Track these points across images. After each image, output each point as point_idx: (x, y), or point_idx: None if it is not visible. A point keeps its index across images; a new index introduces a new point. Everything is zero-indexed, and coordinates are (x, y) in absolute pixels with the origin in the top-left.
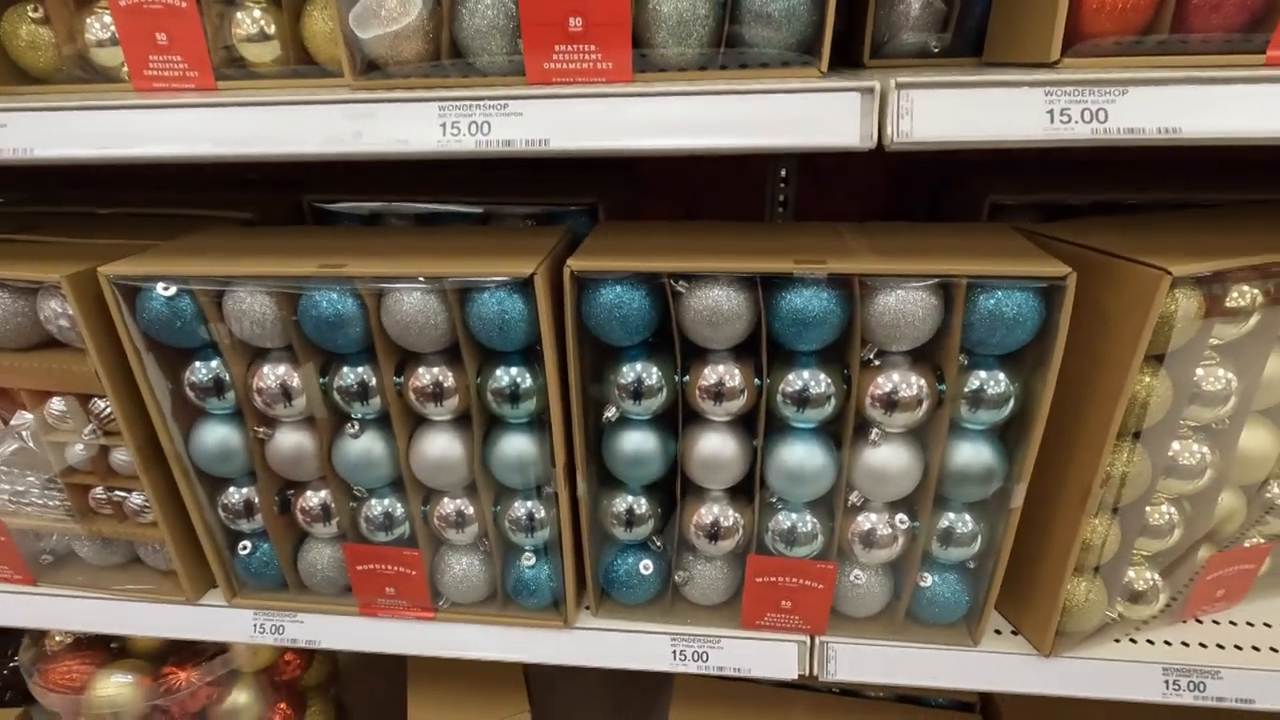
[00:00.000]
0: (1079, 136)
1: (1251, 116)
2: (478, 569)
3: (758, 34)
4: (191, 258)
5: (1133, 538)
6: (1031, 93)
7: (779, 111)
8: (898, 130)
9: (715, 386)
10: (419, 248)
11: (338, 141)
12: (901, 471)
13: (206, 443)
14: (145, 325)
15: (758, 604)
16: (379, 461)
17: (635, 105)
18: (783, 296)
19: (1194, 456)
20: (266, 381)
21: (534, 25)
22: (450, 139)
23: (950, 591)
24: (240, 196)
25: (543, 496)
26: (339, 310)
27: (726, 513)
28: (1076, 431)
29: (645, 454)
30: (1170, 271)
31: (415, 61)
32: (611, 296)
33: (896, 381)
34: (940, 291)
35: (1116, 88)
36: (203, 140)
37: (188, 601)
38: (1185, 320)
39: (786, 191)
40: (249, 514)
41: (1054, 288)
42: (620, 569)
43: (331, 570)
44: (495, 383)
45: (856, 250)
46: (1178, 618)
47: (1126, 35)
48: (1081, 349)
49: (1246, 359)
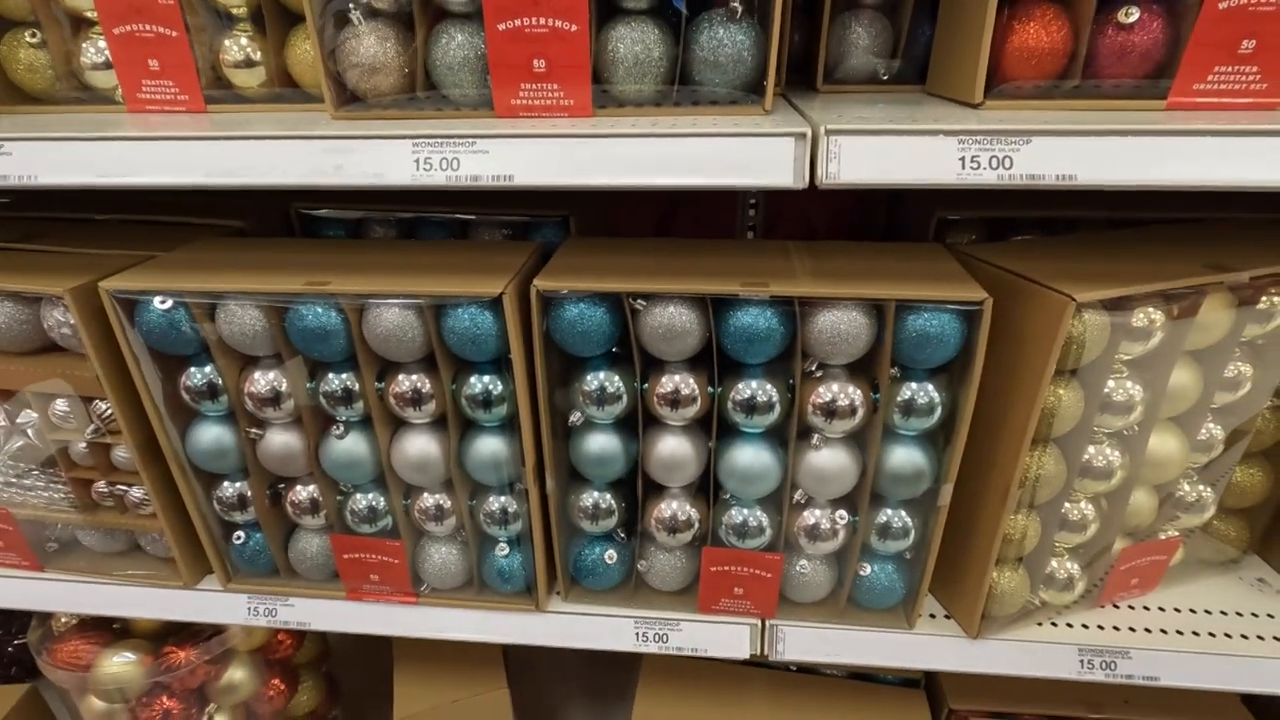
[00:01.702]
0: (986, 181)
1: (1143, 167)
2: (456, 557)
3: (707, 75)
4: (186, 271)
5: (1053, 532)
6: (946, 141)
7: (723, 153)
8: (827, 172)
9: (671, 394)
10: (398, 264)
11: (319, 174)
12: (840, 472)
13: (202, 442)
14: (144, 335)
15: (713, 591)
16: (362, 460)
17: (591, 146)
18: (732, 315)
19: (1106, 460)
20: (257, 387)
21: (501, 66)
22: (423, 173)
23: (887, 579)
24: (232, 203)
25: (515, 492)
26: (324, 323)
27: (684, 508)
28: (997, 437)
29: (608, 455)
30: (1074, 298)
31: (392, 94)
32: (575, 313)
33: (835, 392)
34: (874, 312)
35: (1021, 138)
36: (195, 170)
37: (185, 586)
38: (1093, 339)
39: (758, 199)
40: (242, 507)
41: (973, 310)
42: (587, 558)
43: (320, 558)
44: (469, 389)
45: (800, 273)
46: (1095, 603)
47: (1044, 80)
48: (1001, 363)
49: (1153, 372)
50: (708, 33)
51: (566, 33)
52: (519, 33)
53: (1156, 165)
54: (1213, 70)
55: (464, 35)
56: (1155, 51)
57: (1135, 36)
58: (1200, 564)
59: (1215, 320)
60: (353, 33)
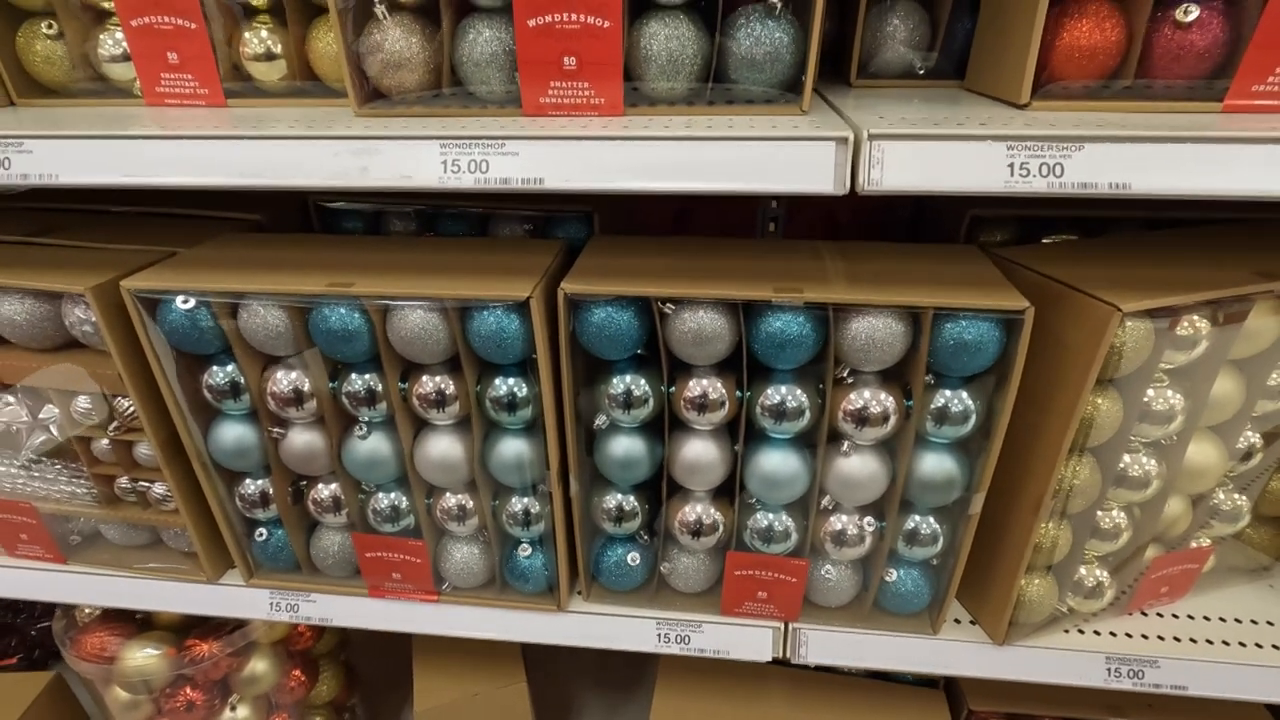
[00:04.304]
0: (1036, 190)
1: (1200, 175)
2: (477, 557)
3: (743, 73)
4: (208, 270)
5: (1084, 539)
6: (994, 147)
7: (760, 158)
8: (869, 179)
9: (699, 399)
10: (421, 264)
11: (344, 176)
12: (870, 480)
13: (224, 440)
14: (165, 333)
15: (736, 594)
16: (385, 461)
17: (622, 149)
18: (763, 320)
19: (1142, 469)
20: (280, 386)
21: (530, 63)
22: (450, 175)
23: (914, 585)
24: (248, 197)
25: (538, 494)
26: (347, 325)
27: (708, 512)
28: (1032, 446)
29: (633, 459)
30: (1121, 308)
31: (417, 90)
32: (602, 316)
33: (867, 399)
34: (909, 319)
35: (1073, 144)
36: (217, 171)
37: (208, 581)
38: (1136, 349)
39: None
40: (264, 504)
41: (1014, 319)
42: (610, 559)
43: (342, 555)
44: (494, 392)
45: (834, 276)
46: (1124, 610)
47: (1093, 80)
48: (1039, 372)
49: (1195, 381)
50: (744, 29)
51: (599, 29)
52: (550, 29)
53: (1215, 174)
54: (1274, 72)
55: (492, 30)
56: (1213, 52)
57: (1193, 36)
58: (1230, 571)
59: (1262, 328)
60: (377, 26)
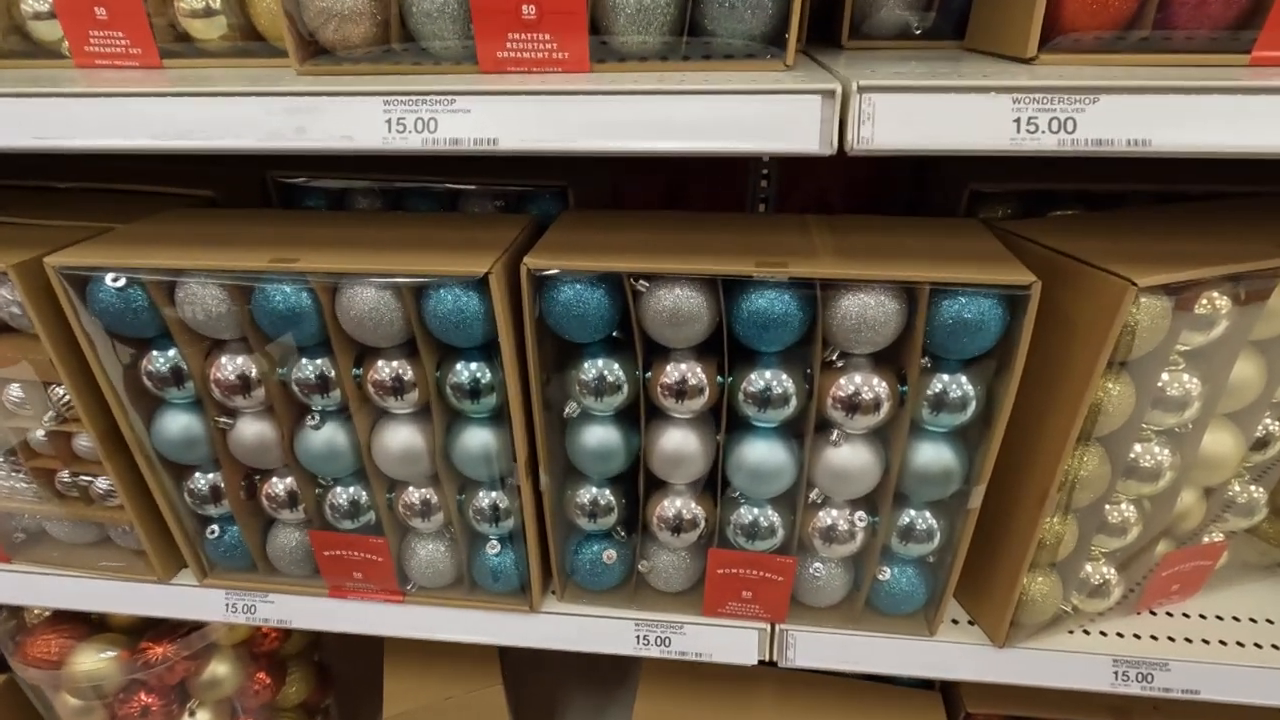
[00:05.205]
0: (1045, 147)
1: (1227, 129)
2: (444, 555)
3: (722, 24)
4: (143, 246)
5: (1090, 535)
6: (998, 100)
7: (738, 114)
8: (858, 137)
9: (677, 384)
10: (377, 239)
11: (279, 136)
12: (861, 471)
13: (168, 431)
14: (98, 315)
15: (719, 594)
16: (341, 453)
17: (587, 105)
18: (745, 298)
19: (1154, 459)
20: (224, 373)
21: (485, 13)
22: (396, 136)
23: (908, 584)
24: (203, 171)
25: (506, 488)
26: (293, 305)
27: (689, 506)
28: (1037, 435)
29: (607, 449)
30: (1135, 283)
31: (364, 45)
32: (570, 295)
33: (858, 384)
34: (904, 296)
35: (1087, 96)
36: (140, 132)
37: (160, 581)
38: (1151, 328)
39: (771, 169)
40: (216, 499)
41: (1018, 295)
42: (585, 557)
43: (300, 553)
44: (455, 378)
45: (822, 251)
46: (1132, 610)
47: (1107, 31)
48: (1045, 354)
49: (1213, 364)
50: None
51: None
52: None
53: (1246, 129)
54: None
55: None
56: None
57: None
58: (1244, 568)
59: None
60: None
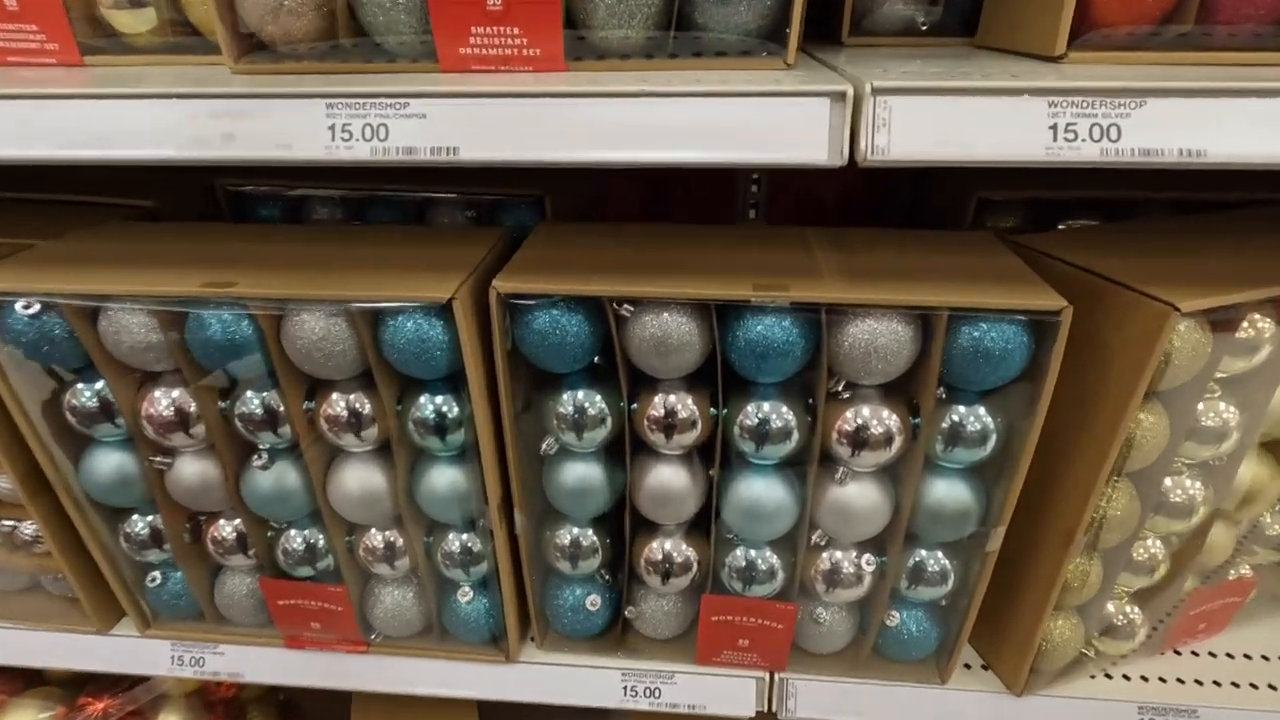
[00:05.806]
0: (1086, 158)
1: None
2: (411, 602)
3: (713, 17)
4: (63, 266)
5: (1116, 574)
6: (1032, 104)
7: (734, 120)
8: (872, 146)
9: (665, 418)
10: (329, 258)
11: (204, 144)
12: (869, 512)
13: (98, 472)
14: (12, 344)
15: (713, 642)
16: (293, 495)
17: (561, 110)
18: (741, 324)
19: (1186, 494)
20: (158, 408)
21: (445, 2)
22: (340, 145)
23: (919, 629)
24: (146, 179)
25: (478, 530)
26: (231, 333)
27: (679, 548)
28: (1063, 471)
29: (589, 488)
30: (1178, 307)
31: (308, 40)
32: (546, 321)
33: (866, 418)
34: (918, 321)
35: (1132, 99)
36: (40, 141)
37: (99, 631)
38: (1190, 355)
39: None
40: (156, 543)
41: (1046, 321)
42: (566, 603)
43: (252, 600)
44: (418, 412)
45: (826, 270)
46: (1156, 650)
47: (1142, 26)
48: (1073, 383)
49: (1251, 391)
50: None
51: None
52: None
53: None
54: None
55: None
56: None
57: None
58: (1271, 600)
59: None
60: None
